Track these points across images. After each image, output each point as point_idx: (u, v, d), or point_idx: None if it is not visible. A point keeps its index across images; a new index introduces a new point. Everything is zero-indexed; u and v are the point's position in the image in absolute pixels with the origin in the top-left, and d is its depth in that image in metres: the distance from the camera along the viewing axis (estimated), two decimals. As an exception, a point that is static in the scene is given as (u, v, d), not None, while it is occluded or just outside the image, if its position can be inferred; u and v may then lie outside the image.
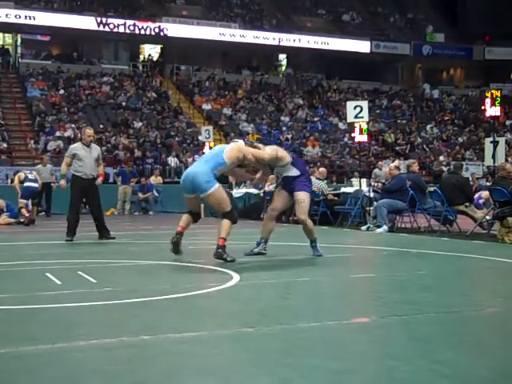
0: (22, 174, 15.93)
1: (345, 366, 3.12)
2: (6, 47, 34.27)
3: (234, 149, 7.44)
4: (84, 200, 11.74)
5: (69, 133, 26.04)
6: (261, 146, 7.94)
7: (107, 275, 6.44)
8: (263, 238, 7.96)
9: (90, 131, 10.92)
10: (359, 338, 3.80)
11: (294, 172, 7.68)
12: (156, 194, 21.36)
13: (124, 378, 2.91)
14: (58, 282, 5.77)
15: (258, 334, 3.78)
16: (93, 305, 4.70)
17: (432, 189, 12.12)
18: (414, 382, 2.88)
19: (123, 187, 20.76)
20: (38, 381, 2.90)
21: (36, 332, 3.82)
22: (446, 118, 36.89)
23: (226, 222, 7.36)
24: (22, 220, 15.05)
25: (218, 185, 7.32)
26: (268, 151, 7.69)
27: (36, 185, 15.69)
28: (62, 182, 10.95)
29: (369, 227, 12.23)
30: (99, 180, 10.99)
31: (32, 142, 25.47)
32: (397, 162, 14.39)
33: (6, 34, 34.70)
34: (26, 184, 15.52)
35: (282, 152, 7.81)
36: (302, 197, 7.67)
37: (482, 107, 14.53)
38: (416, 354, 3.31)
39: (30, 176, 15.71)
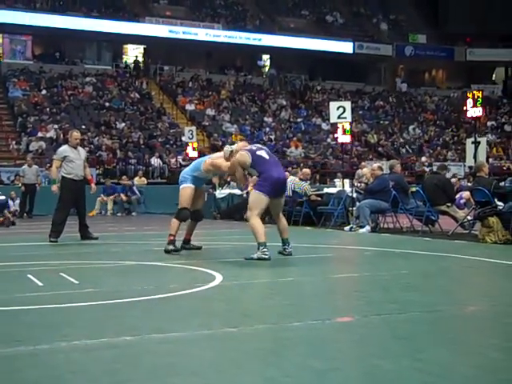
0: None
1: (328, 364, 3.12)
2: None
3: (207, 162, 8.31)
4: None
5: (51, 133, 25.86)
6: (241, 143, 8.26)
7: (89, 276, 6.40)
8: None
9: (77, 134, 10.93)
10: (342, 337, 3.80)
11: (255, 172, 7.80)
12: (138, 194, 21.29)
13: (107, 379, 2.89)
14: (40, 284, 5.73)
15: (241, 333, 3.77)
16: (75, 306, 4.67)
17: (414, 189, 12.17)
18: (398, 380, 2.89)
19: (102, 197, 20.71)
20: (20, 382, 2.87)
21: (18, 333, 3.79)
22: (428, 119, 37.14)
23: (173, 221, 8.26)
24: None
25: (186, 185, 8.25)
26: (228, 164, 8.01)
27: (3, 197, 15.26)
28: (55, 188, 10.56)
29: (352, 227, 12.26)
30: (94, 187, 11.35)
31: (14, 142, 25.27)
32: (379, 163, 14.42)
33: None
34: None
35: (241, 158, 7.74)
36: (250, 197, 7.82)
37: (464, 108, 14.60)
38: (399, 353, 3.32)
39: None
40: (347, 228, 12.38)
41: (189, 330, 3.83)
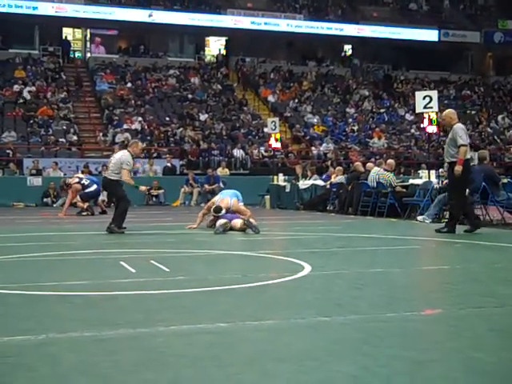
0: (77, 186, 15.41)
1: (425, 356, 3.07)
2: (75, 42, 35.10)
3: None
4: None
5: (136, 125, 26.50)
6: None
7: (179, 264, 6.53)
8: None
9: (142, 145, 11.44)
10: (437, 328, 3.75)
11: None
12: (222, 185, 21.54)
13: (206, 363, 2.95)
14: (133, 271, 5.89)
15: (334, 323, 3.77)
16: (168, 292, 4.78)
17: (505, 180, 11.79)
18: (500, 372, 2.82)
19: (188, 189, 21.05)
20: (121, 364, 2.96)
21: (116, 317, 3.91)
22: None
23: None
24: (83, 214, 15.46)
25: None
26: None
27: (94, 187, 15.33)
28: (144, 188, 11.97)
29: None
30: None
31: (101, 134, 26.05)
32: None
33: (76, 30, 35.51)
34: (86, 190, 15.51)
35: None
36: None
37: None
38: (499, 346, 3.24)
39: (86, 183, 15.50)
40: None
41: (282, 319, 3.85)
